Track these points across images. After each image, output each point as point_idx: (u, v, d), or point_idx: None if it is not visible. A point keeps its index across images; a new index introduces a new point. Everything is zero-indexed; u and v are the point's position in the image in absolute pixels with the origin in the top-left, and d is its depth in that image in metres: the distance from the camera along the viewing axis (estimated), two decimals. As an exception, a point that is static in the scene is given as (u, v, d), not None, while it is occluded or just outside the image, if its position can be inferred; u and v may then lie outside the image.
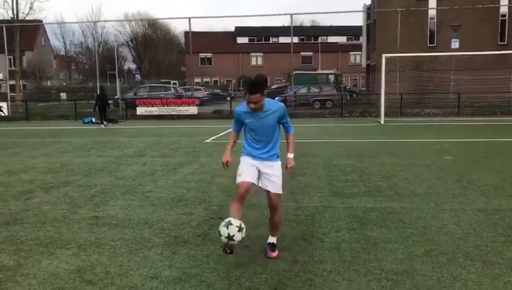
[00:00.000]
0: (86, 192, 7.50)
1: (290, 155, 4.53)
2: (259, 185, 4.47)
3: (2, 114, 26.24)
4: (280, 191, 4.50)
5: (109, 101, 22.20)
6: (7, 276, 4.21)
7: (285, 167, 4.53)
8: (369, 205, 6.41)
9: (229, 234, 3.98)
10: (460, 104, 23.75)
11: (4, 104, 26.99)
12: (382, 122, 19.86)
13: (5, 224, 5.81)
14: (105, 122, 21.10)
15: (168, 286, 3.93)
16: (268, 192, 4.48)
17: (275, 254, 4.57)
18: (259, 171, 4.45)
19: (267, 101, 4.31)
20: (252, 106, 4.23)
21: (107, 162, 10.46)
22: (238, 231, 4.00)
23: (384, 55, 20.77)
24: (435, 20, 31.90)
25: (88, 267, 4.38)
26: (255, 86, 4.17)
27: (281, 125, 4.52)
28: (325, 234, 5.19)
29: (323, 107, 28.91)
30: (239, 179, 4.40)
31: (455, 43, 24.69)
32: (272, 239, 4.64)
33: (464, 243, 4.83)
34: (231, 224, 4.02)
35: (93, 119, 22.91)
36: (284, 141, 4.54)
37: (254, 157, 4.45)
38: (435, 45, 31.25)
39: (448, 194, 6.93)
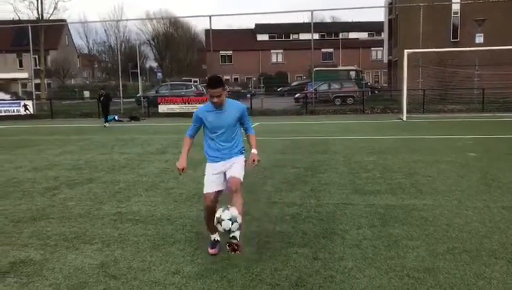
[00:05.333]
0: (110, 188, 7.64)
1: (254, 150, 4.52)
2: (225, 183, 4.52)
3: (28, 112, 26.84)
4: (239, 176, 4.46)
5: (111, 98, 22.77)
6: (34, 270, 4.33)
7: (251, 161, 4.48)
8: (391, 202, 6.36)
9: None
10: (485, 100, 23.27)
11: (30, 103, 27.63)
12: (404, 119, 19.62)
13: (32, 219, 5.96)
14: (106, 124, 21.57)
15: (190, 281, 3.98)
16: (228, 178, 4.47)
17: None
18: (224, 173, 4.52)
19: (228, 101, 4.49)
20: (215, 100, 4.34)
21: (130, 159, 10.61)
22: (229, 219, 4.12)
23: (406, 51, 20.46)
24: (459, 15, 31.30)
25: (112, 262, 4.47)
26: (216, 81, 4.37)
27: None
28: (346, 231, 5.18)
29: (344, 104, 28.69)
30: (204, 190, 4.55)
31: (479, 38, 24.21)
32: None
33: (488, 241, 4.76)
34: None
35: (116, 117, 23.21)
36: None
37: (217, 160, 4.52)
38: (458, 40, 30.63)
39: (471, 192, 6.83)
